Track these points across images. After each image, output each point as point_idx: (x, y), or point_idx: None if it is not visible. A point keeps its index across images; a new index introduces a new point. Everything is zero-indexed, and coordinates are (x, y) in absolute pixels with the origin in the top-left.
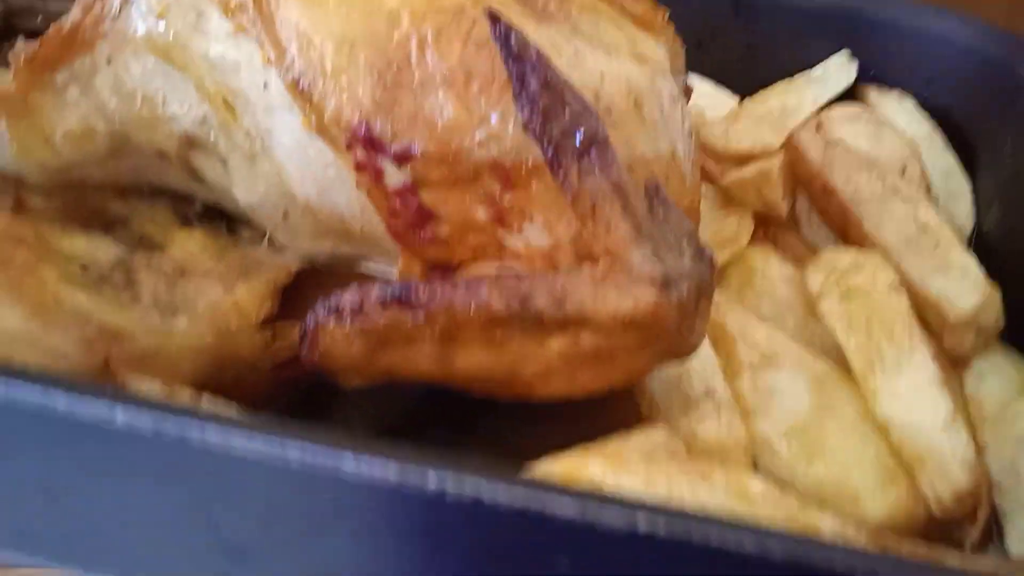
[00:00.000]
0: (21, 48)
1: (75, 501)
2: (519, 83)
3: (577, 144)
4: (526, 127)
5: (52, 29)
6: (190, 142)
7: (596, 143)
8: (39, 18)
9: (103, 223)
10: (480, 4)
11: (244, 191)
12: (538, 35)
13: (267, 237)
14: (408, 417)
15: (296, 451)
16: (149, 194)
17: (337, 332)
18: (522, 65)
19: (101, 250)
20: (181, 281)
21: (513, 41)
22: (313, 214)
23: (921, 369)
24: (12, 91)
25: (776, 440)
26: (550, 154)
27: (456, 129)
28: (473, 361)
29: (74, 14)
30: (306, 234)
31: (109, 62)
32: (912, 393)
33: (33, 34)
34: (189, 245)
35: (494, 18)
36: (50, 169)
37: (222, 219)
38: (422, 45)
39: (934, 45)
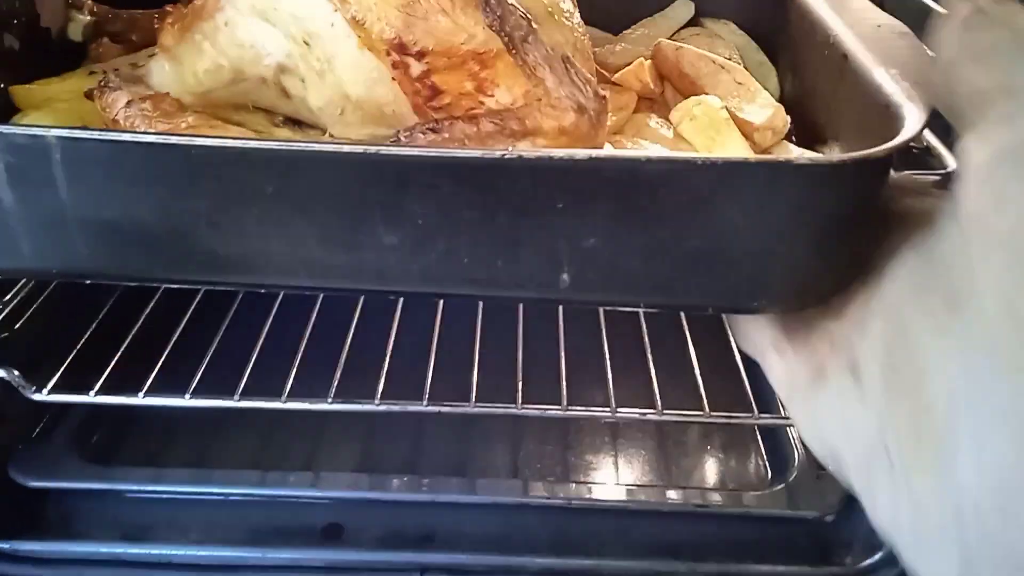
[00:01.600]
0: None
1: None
2: (485, 4)
3: (520, 35)
4: (490, 28)
5: (191, 8)
6: (281, 69)
7: (531, 34)
8: (118, 24)
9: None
10: None
11: (315, 97)
12: None
13: (327, 133)
14: None
15: None
16: (253, 110)
17: None
18: None
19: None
20: None
21: None
22: (361, 107)
23: (739, 146)
24: (170, 46)
25: None
26: (506, 42)
27: (450, 34)
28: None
29: None
30: (355, 124)
31: (226, 24)
32: None
33: (114, 35)
34: (283, 135)
35: None
36: (196, 93)
37: (297, 124)
38: None
39: None
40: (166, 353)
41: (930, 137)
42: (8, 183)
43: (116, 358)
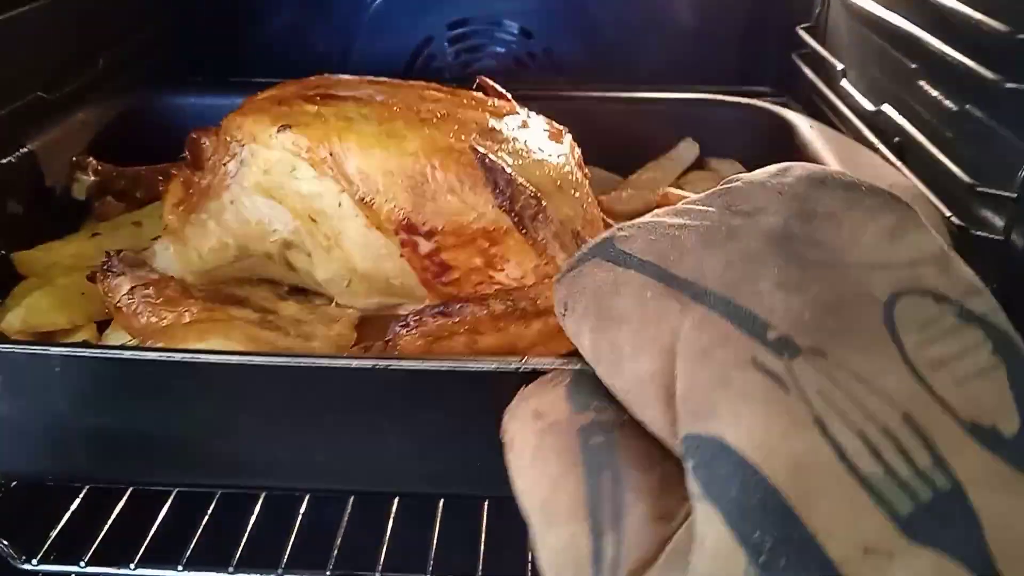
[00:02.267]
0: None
1: None
2: (492, 183)
3: (530, 213)
4: (499, 207)
5: (195, 188)
6: (287, 245)
7: (540, 212)
8: (122, 182)
9: (233, 302)
10: (460, 143)
11: (322, 271)
12: (496, 152)
13: (333, 302)
14: None
15: None
16: (257, 282)
17: (406, 335)
18: (493, 172)
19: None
20: (299, 326)
21: (487, 160)
22: (368, 280)
23: None
24: (176, 227)
25: None
26: (516, 220)
27: (459, 213)
28: (489, 342)
29: (208, 178)
30: (361, 294)
31: (232, 203)
32: None
33: (117, 193)
34: (290, 310)
35: (474, 149)
36: (199, 272)
37: (303, 293)
38: (432, 169)
39: (745, 125)
40: (159, 520)
41: None
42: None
43: (108, 525)
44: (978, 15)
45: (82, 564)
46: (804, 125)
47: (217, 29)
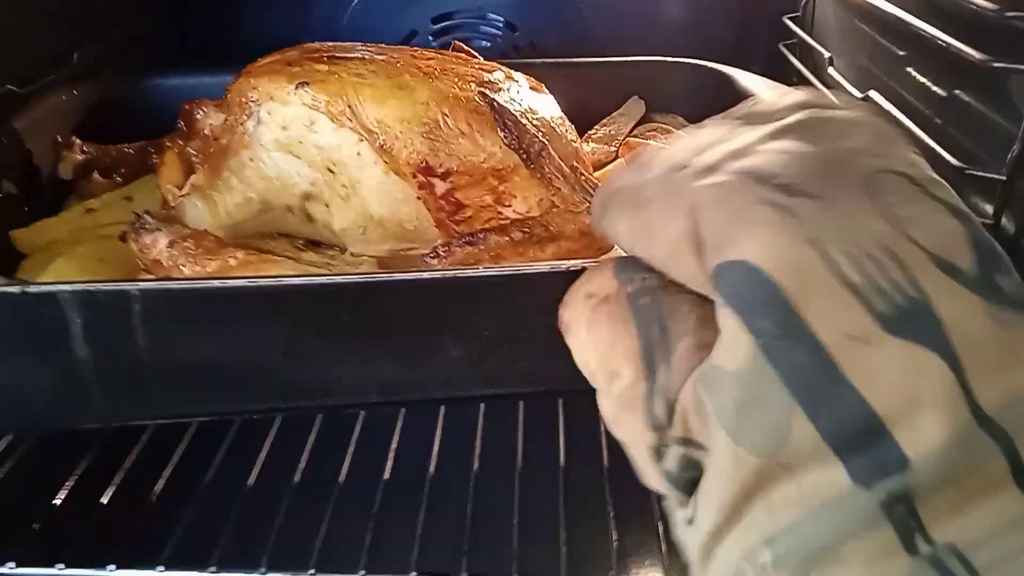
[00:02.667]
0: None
1: None
2: (502, 124)
3: (535, 150)
4: (508, 146)
5: (215, 146)
6: (306, 197)
7: (544, 148)
8: (107, 160)
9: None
10: (465, 92)
11: (340, 220)
12: (501, 99)
13: (347, 251)
14: None
15: None
16: (276, 236)
17: (438, 265)
18: (502, 115)
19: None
20: (331, 269)
21: (496, 104)
22: (383, 226)
23: None
24: (201, 184)
25: None
26: (524, 157)
27: (471, 154)
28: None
29: (227, 136)
30: (375, 241)
31: (252, 160)
32: None
33: (103, 171)
34: (312, 259)
35: (483, 95)
36: (226, 227)
37: (317, 245)
38: (444, 116)
39: (690, 83)
40: (138, 520)
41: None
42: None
43: (85, 527)
44: None
45: (58, 568)
46: (740, 76)
47: (195, 27)
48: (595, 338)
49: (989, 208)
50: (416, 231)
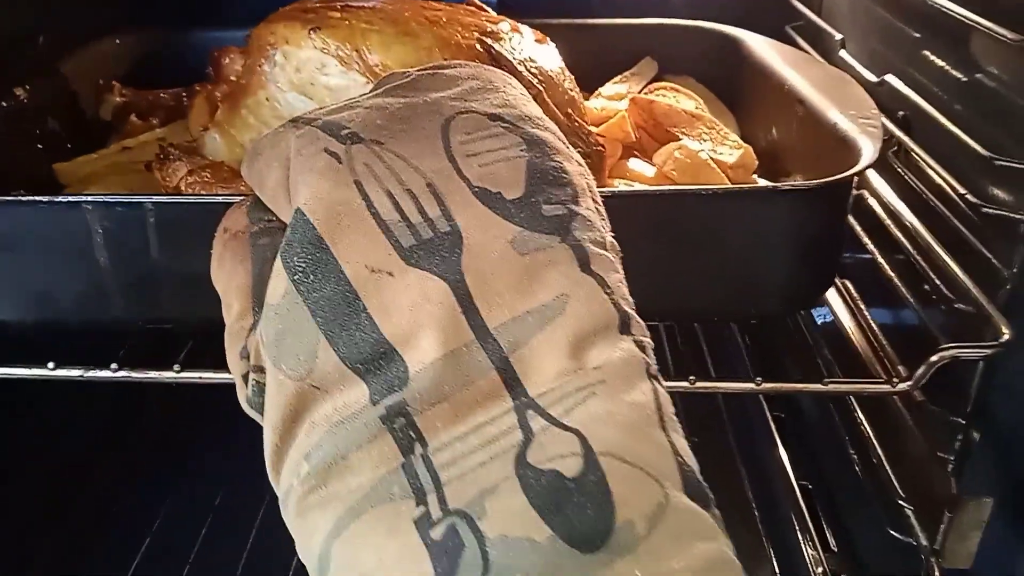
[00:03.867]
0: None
1: None
2: (497, 67)
3: (532, 94)
4: None
5: (233, 87)
6: None
7: (539, 95)
8: (143, 104)
9: None
10: (467, 40)
11: None
12: (501, 47)
13: None
14: None
15: None
16: None
17: None
18: (499, 61)
19: None
20: None
21: (493, 51)
22: None
23: (720, 182)
24: (220, 120)
25: None
26: None
27: None
28: None
29: (246, 77)
30: None
31: (267, 99)
32: None
33: (140, 114)
34: None
35: (481, 41)
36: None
37: None
38: (446, 59)
39: (696, 45)
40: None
41: None
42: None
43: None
44: None
45: None
46: (750, 39)
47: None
48: (220, 271)
49: (1017, 201)
50: None
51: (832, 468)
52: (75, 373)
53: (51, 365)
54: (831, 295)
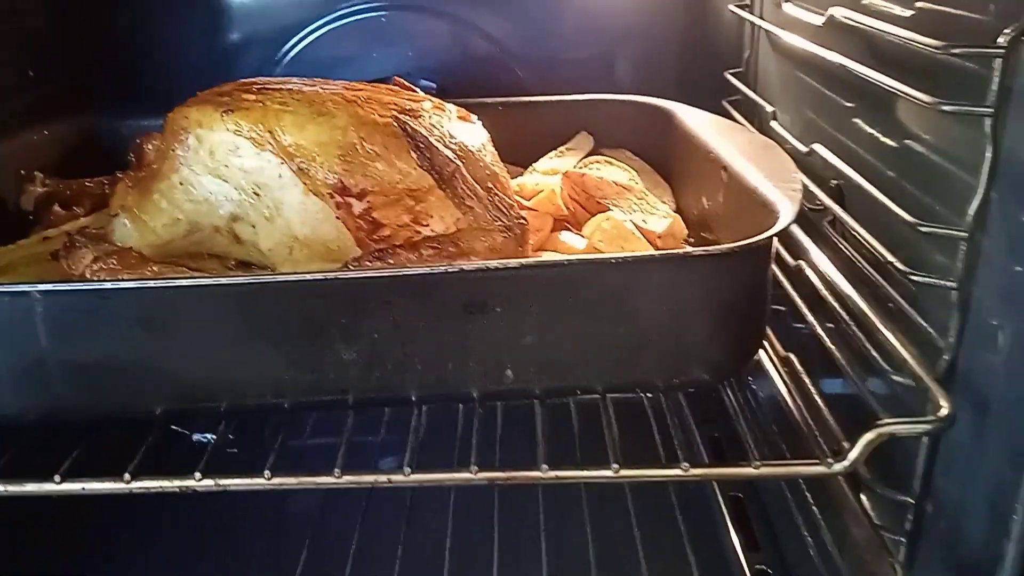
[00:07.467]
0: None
1: None
2: (415, 146)
3: (448, 171)
4: (421, 167)
5: (147, 171)
6: (233, 218)
7: (457, 170)
8: (68, 193)
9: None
10: (384, 119)
11: (266, 240)
12: (418, 125)
13: (277, 272)
14: None
15: None
16: (207, 257)
17: None
18: (414, 138)
19: None
20: None
21: (408, 128)
22: (308, 245)
23: (646, 251)
24: (131, 205)
25: None
26: (436, 177)
27: (386, 175)
28: None
29: (159, 161)
30: (302, 261)
31: (181, 183)
32: None
33: (64, 204)
34: None
35: (397, 119)
36: (155, 246)
37: (248, 267)
38: (360, 140)
39: (631, 119)
40: None
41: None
42: None
43: None
44: (908, 32)
45: None
46: (681, 111)
47: (127, 84)
48: None
49: (953, 267)
50: (340, 250)
51: (793, 551)
52: None
53: None
54: (773, 369)
